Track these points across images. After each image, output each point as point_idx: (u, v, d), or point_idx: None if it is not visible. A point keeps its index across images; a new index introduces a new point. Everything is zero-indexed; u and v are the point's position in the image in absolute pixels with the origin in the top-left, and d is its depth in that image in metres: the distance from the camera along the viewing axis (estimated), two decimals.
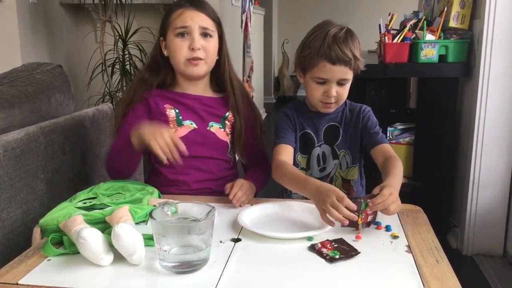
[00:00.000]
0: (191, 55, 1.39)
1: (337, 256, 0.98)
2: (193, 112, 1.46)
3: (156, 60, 1.46)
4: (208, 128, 1.46)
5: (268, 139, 1.54)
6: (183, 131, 1.44)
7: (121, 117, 1.45)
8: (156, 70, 1.46)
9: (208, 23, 1.42)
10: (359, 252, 1.00)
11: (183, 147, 1.25)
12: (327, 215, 1.07)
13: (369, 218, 1.11)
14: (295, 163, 1.43)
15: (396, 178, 1.19)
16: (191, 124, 1.45)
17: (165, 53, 1.44)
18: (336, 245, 1.02)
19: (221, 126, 1.48)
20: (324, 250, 1.00)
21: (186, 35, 1.39)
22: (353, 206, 1.06)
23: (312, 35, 1.34)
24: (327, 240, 1.05)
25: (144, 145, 1.26)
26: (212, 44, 1.43)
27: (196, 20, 1.39)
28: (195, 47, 1.38)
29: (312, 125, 1.44)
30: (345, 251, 1.00)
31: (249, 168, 1.53)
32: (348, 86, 1.36)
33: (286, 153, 1.37)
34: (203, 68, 1.43)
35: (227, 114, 1.49)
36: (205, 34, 1.41)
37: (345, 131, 1.43)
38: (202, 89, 1.49)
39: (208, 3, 1.45)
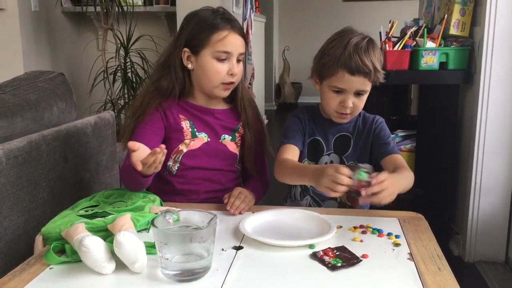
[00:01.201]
0: (228, 80, 1.39)
1: (339, 264, 0.98)
2: (207, 125, 1.45)
3: (174, 70, 1.41)
4: (220, 141, 1.46)
5: (272, 146, 1.54)
6: (197, 143, 1.43)
7: (133, 126, 1.40)
8: (173, 80, 1.41)
9: (244, 48, 1.41)
10: (361, 260, 1.00)
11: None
12: (331, 191, 1.08)
13: (362, 191, 1.08)
14: None
15: (400, 175, 1.17)
16: (205, 136, 1.44)
17: (189, 66, 1.41)
18: (338, 253, 1.02)
19: (232, 139, 1.48)
20: (326, 258, 1.00)
21: (226, 59, 1.38)
22: (349, 173, 1.06)
23: (333, 42, 1.31)
24: (329, 248, 1.05)
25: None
26: (242, 67, 1.43)
27: (237, 46, 1.38)
28: (234, 73, 1.38)
29: (323, 133, 1.42)
30: (347, 259, 1.00)
31: (248, 178, 1.53)
32: (365, 97, 1.33)
33: (290, 153, 1.35)
34: (231, 90, 1.43)
35: (237, 126, 1.49)
36: (238, 60, 1.40)
37: (356, 142, 1.41)
38: (215, 102, 1.48)
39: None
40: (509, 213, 2.28)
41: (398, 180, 1.14)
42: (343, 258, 1.00)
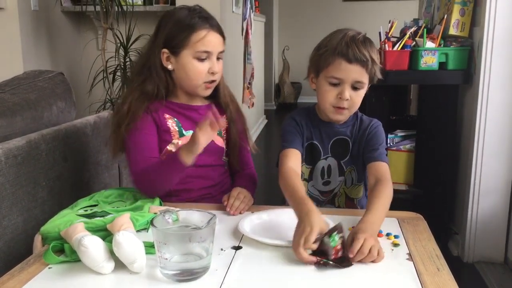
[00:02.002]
0: (209, 78, 1.39)
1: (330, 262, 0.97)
2: (193, 123, 1.44)
3: (155, 72, 1.39)
4: None
5: (272, 146, 1.54)
6: (185, 142, 1.42)
7: (126, 135, 1.36)
8: (157, 82, 1.40)
9: (223, 46, 1.42)
10: (351, 265, 0.98)
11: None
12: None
13: (339, 254, 1.00)
14: None
15: (375, 215, 1.10)
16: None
17: (169, 67, 1.40)
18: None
19: (218, 133, 1.48)
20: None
21: (206, 59, 1.38)
22: (311, 259, 0.98)
23: (330, 37, 1.31)
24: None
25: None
26: (221, 65, 1.43)
27: (217, 45, 1.39)
28: (215, 72, 1.39)
29: (319, 137, 1.39)
30: (340, 260, 0.98)
31: (236, 174, 1.53)
32: (362, 92, 1.30)
33: (293, 159, 1.32)
34: (213, 88, 1.44)
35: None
36: (218, 58, 1.41)
37: (354, 146, 1.39)
38: (197, 99, 1.48)
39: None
40: (508, 213, 2.28)
41: (372, 229, 1.06)
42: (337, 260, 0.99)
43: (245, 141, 1.54)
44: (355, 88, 1.29)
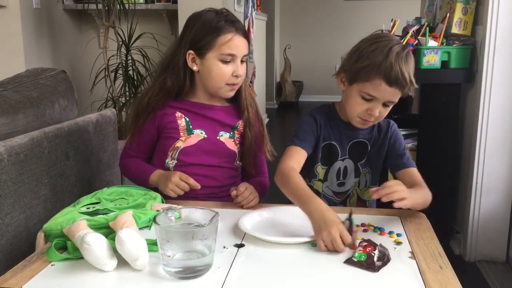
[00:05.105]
0: (233, 81, 1.41)
1: (356, 260, 0.98)
2: (204, 121, 1.46)
3: (177, 71, 1.42)
4: (218, 137, 1.47)
5: (272, 145, 1.54)
6: (193, 140, 1.44)
7: (143, 122, 1.46)
8: (175, 80, 1.43)
9: (247, 50, 1.43)
10: (376, 271, 0.97)
11: (193, 182, 1.36)
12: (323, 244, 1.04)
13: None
14: (313, 174, 1.40)
15: (417, 191, 1.17)
16: (201, 133, 1.45)
17: (194, 68, 1.42)
18: (372, 249, 1.01)
19: (230, 136, 1.48)
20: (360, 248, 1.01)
21: (230, 61, 1.39)
22: (349, 240, 1.03)
23: (372, 46, 1.24)
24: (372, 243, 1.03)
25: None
26: (245, 67, 1.44)
27: (242, 48, 1.40)
28: (239, 75, 1.40)
29: (338, 137, 1.37)
30: (369, 262, 0.98)
31: (247, 179, 1.51)
32: (390, 107, 1.30)
33: (296, 158, 1.30)
34: (236, 90, 1.45)
35: (237, 124, 1.49)
36: (242, 61, 1.42)
37: (372, 149, 1.38)
38: (217, 100, 1.49)
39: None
40: (510, 212, 2.28)
41: (412, 193, 1.15)
42: (368, 258, 0.98)
43: (261, 147, 1.52)
44: (385, 105, 1.28)
